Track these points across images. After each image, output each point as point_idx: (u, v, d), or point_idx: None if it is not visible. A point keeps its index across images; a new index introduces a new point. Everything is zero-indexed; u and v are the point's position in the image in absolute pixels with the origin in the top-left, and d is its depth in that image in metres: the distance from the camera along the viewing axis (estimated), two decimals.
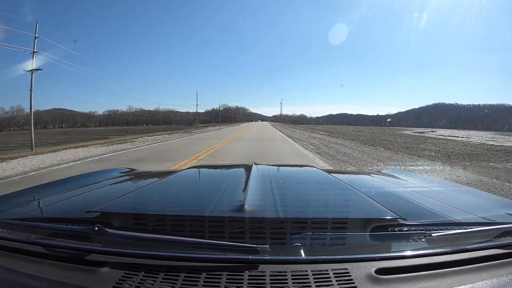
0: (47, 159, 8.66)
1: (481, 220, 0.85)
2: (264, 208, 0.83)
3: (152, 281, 0.58)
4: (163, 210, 0.91)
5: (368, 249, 0.72)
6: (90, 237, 0.71)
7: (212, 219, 0.78)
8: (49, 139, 25.51)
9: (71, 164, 7.71)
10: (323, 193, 1.17)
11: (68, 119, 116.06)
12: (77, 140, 21.51)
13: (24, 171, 6.64)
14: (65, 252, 0.68)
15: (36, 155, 9.65)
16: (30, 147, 12.50)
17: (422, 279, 0.59)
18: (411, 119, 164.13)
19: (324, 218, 0.78)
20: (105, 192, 1.21)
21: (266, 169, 1.52)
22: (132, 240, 0.70)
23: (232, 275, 0.59)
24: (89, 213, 0.82)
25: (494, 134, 45.73)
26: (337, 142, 14.58)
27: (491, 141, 24.26)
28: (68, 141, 20.96)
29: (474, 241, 0.71)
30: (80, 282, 0.59)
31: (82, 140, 20.34)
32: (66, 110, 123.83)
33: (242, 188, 0.99)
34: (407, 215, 0.80)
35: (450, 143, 19.20)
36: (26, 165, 7.52)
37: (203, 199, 1.03)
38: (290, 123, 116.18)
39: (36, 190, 1.26)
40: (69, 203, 1.03)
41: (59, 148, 12.15)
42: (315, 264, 0.62)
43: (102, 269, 0.62)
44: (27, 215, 0.92)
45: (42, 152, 10.52)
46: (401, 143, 17.63)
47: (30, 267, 0.64)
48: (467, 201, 1.12)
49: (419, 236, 0.74)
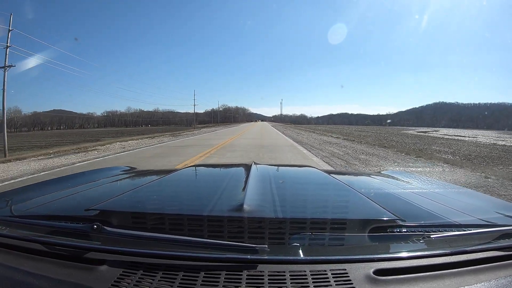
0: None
1: (479, 222, 0.86)
2: (263, 208, 0.83)
3: (150, 280, 0.58)
4: (162, 209, 0.91)
5: (367, 250, 0.72)
6: (89, 235, 0.71)
7: (211, 218, 0.78)
8: (40, 142, 24.53)
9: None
10: (322, 193, 1.17)
11: (67, 121, 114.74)
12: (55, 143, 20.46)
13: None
14: (64, 250, 0.68)
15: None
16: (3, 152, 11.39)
17: (420, 280, 0.59)
18: (412, 119, 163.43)
19: (323, 218, 0.78)
20: (104, 190, 1.21)
21: (266, 169, 1.52)
22: (131, 238, 0.70)
23: (230, 274, 0.59)
24: (88, 211, 0.82)
25: (498, 133, 45.28)
26: (357, 148, 11.64)
27: (500, 141, 23.10)
28: (59, 143, 20.02)
29: (473, 243, 0.72)
30: (78, 280, 0.59)
31: (58, 144, 19.19)
32: (66, 111, 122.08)
33: (242, 188, 0.98)
34: (406, 216, 0.80)
35: (461, 144, 17.96)
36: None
37: (202, 198, 1.04)
38: (290, 123, 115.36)
39: (35, 188, 1.26)
40: (68, 201, 1.04)
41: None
42: (313, 264, 0.62)
43: (101, 267, 0.62)
44: (26, 212, 0.92)
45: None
46: (410, 144, 16.54)
47: (29, 264, 0.64)
48: (466, 202, 1.11)
49: (417, 237, 0.74)
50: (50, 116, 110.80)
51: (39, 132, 67.16)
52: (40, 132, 75.90)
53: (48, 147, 16.04)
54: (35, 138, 28.50)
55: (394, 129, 60.80)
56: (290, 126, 58.75)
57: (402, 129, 68.22)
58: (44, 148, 16.04)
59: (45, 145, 19.65)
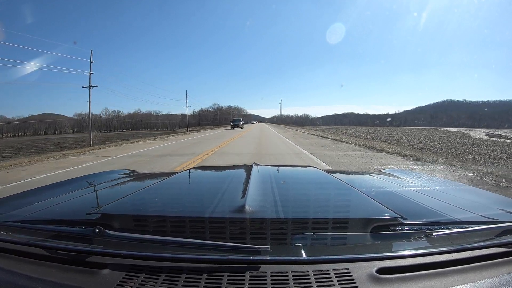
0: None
1: (482, 218, 0.85)
2: (264, 208, 0.83)
3: (153, 283, 0.58)
4: (164, 211, 0.91)
5: (369, 248, 0.72)
6: (91, 239, 0.71)
7: (213, 220, 0.78)
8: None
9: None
10: (324, 193, 1.16)
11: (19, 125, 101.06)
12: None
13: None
14: (66, 254, 0.68)
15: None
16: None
17: (423, 278, 0.59)
18: (421, 118, 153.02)
19: (325, 218, 0.78)
20: (105, 194, 1.21)
21: (267, 169, 1.51)
22: (133, 241, 0.70)
23: (233, 275, 0.59)
24: (90, 215, 0.82)
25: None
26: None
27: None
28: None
29: (475, 240, 0.72)
30: (81, 284, 0.59)
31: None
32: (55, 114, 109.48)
33: (243, 189, 0.98)
34: (408, 214, 0.80)
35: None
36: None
37: (203, 200, 1.03)
38: (292, 124, 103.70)
39: (36, 192, 1.26)
40: (69, 205, 1.03)
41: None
42: (316, 264, 0.62)
43: (103, 271, 0.62)
44: (28, 217, 0.91)
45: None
46: (486, 155, 10.76)
47: (31, 269, 0.64)
48: (468, 199, 1.11)
49: (420, 235, 0.74)
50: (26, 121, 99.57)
51: (12, 139, 55.99)
52: (13, 138, 64.43)
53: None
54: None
55: (418, 130, 48.84)
56: (295, 129, 41.82)
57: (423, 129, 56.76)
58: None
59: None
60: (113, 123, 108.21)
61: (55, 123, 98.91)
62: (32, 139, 48.78)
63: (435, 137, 24.18)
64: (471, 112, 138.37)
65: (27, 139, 55.06)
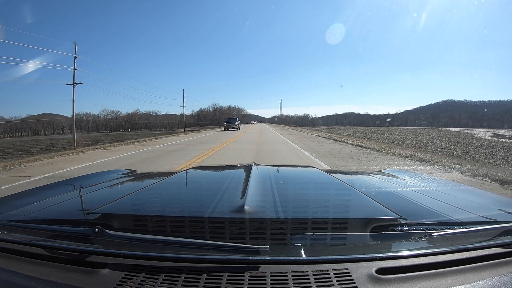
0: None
1: (481, 219, 0.85)
2: (264, 208, 0.83)
3: (153, 282, 0.59)
4: (164, 211, 0.90)
5: (369, 249, 0.72)
6: (90, 239, 0.71)
7: (213, 220, 0.78)
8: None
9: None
10: (323, 193, 1.16)
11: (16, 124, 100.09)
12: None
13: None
14: (66, 254, 0.68)
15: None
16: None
17: (422, 278, 0.60)
18: (422, 118, 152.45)
19: (325, 218, 0.79)
20: (105, 193, 1.21)
21: (266, 169, 1.50)
22: (132, 241, 0.70)
23: (233, 275, 0.60)
24: (90, 215, 0.83)
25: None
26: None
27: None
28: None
29: (475, 240, 0.72)
30: (80, 284, 0.59)
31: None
32: (56, 115, 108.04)
33: (242, 189, 0.98)
34: (408, 214, 0.80)
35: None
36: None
37: (203, 200, 1.03)
38: (292, 124, 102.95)
39: (36, 192, 1.25)
40: (69, 204, 1.03)
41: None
42: (315, 264, 0.62)
43: (103, 270, 0.62)
44: (28, 217, 0.91)
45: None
46: (507, 158, 9.74)
47: (31, 269, 0.64)
48: (467, 200, 1.11)
49: (419, 235, 0.74)
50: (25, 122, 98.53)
51: (9, 140, 54.59)
52: (10, 139, 63.18)
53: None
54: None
55: (430, 131, 47.31)
56: (297, 129, 39.78)
57: (428, 129, 56.07)
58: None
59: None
60: (111, 123, 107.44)
61: (52, 123, 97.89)
62: (28, 140, 47.67)
63: (442, 138, 23.53)
64: (471, 112, 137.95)
65: (24, 139, 54.23)
